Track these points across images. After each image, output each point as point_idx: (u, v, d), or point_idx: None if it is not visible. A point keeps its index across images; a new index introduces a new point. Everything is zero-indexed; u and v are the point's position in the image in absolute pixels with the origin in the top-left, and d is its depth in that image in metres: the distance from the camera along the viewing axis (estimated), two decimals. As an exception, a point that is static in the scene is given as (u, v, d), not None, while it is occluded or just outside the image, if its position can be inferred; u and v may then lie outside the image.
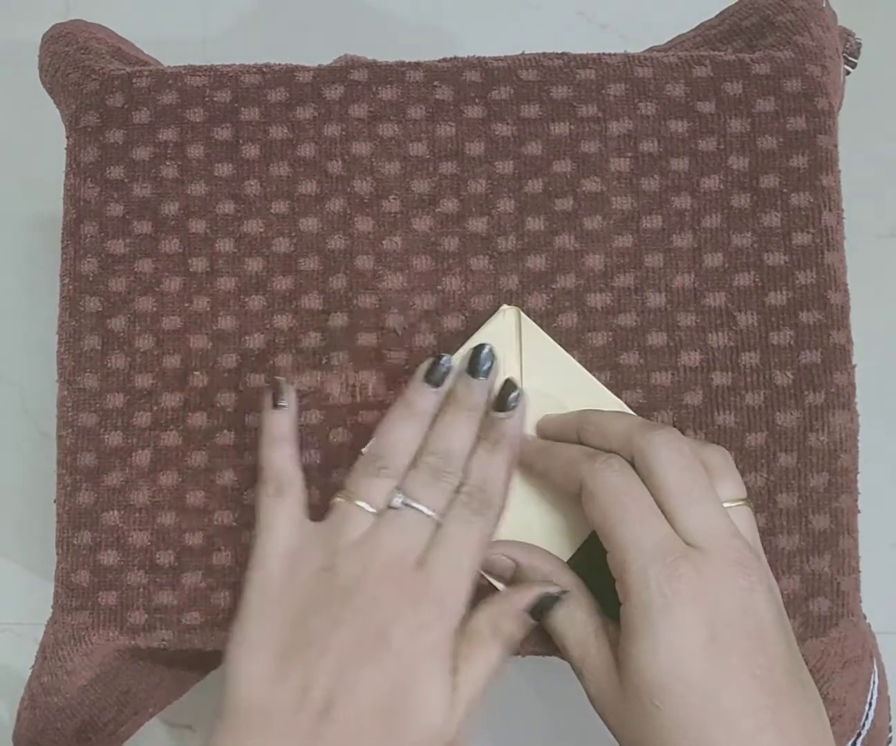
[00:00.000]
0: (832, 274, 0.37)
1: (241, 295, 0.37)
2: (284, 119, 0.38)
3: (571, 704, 0.66)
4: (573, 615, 0.32)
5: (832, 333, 0.37)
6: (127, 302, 0.37)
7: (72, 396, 0.37)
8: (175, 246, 0.38)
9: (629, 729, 0.29)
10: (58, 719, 0.40)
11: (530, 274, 0.37)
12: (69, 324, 0.37)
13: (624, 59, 0.38)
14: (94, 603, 0.37)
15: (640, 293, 0.37)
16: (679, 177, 0.37)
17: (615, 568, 0.30)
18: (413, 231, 0.38)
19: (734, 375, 0.37)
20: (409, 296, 0.37)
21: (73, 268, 0.38)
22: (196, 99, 0.38)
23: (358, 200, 0.38)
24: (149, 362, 0.37)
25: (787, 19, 0.39)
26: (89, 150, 0.38)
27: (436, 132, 0.38)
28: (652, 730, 0.28)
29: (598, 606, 0.32)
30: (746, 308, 0.37)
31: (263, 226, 0.38)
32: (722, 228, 0.37)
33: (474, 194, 0.38)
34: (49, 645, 0.38)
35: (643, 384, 0.37)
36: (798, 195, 0.37)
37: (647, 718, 0.28)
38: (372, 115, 0.38)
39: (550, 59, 0.39)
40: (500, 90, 0.38)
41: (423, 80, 0.38)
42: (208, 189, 0.38)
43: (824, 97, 0.38)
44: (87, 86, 0.39)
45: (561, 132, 0.38)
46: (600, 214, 0.37)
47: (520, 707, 0.66)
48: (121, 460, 0.37)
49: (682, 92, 0.38)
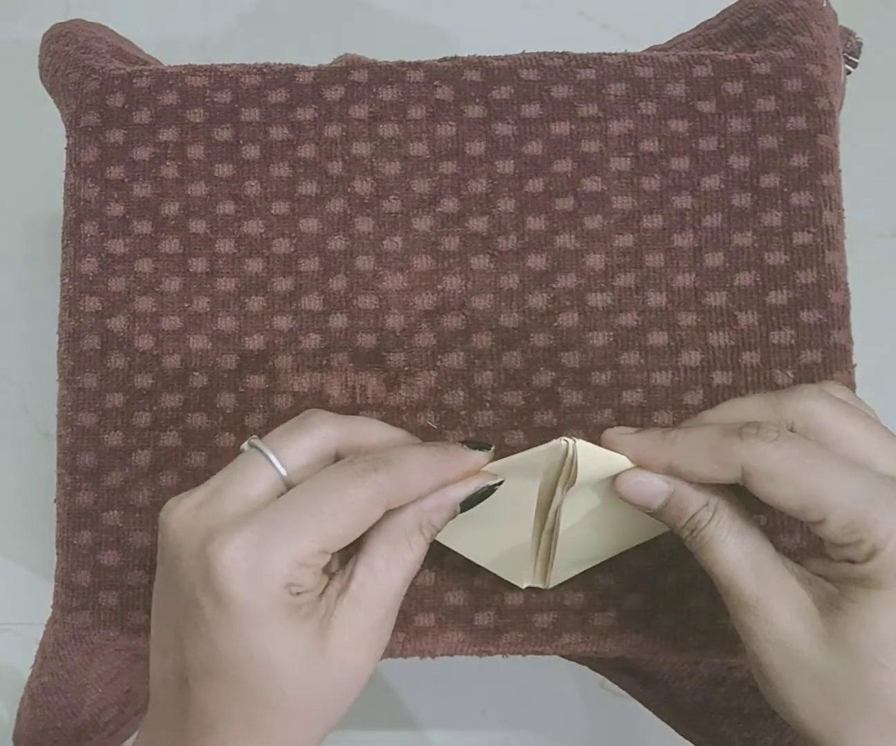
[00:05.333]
0: (833, 273, 0.37)
1: (241, 295, 0.37)
2: (285, 119, 0.38)
3: (571, 704, 0.66)
4: (744, 538, 0.28)
5: (833, 333, 0.37)
6: (127, 302, 0.37)
7: (71, 396, 0.37)
8: (175, 246, 0.38)
9: (820, 683, 0.26)
10: (58, 719, 0.40)
11: (531, 273, 0.37)
12: (69, 324, 0.37)
13: (624, 59, 0.38)
14: (94, 602, 0.37)
15: (641, 292, 0.37)
16: (680, 176, 0.37)
17: (837, 532, 0.26)
18: (413, 231, 0.37)
19: (735, 375, 0.37)
20: (409, 295, 0.37)
21: (73, 267, 0.38)
22: (196, 99, 0.38)
23: (358, 201, 0.38)
24: (148, 362, 0.37)
25: (788, 19, 0.39)
26: (89, 150, 0.38)
27: (436, 132, 0.38)
28: (861, 689, 0.26)
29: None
30: (747, 307, 0.37)
31: (263, 227, 0.38)
32: (723, 228, 0.37)
33: (475, 194, 0.38)
34: (49, 645, 0.38)
35: (643, 384, 0.37)
36: (799, 194, 0.37)
37: (862, 675, 0.26)
38: (372, 116, 0.38)
39: (551, 58, 0.39)
40: (500, 90, 0.38)
41: (424, 79, 0.38)
42: (208, 189, 0.38)
43: (825, 97, 0.38)
44: (87, 85, 0.39)
45: (561, 132, 0.38)
46: (601, 214, 0.37)
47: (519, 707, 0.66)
48: (121, 460, 0.37)
49: (682, 91, 0.38)
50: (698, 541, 0.28)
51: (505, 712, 0.65)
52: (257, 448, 0.29)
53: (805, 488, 0.26)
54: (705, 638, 0.36)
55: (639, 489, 0.28)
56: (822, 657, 0.26)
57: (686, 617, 0.36)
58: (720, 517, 0.28)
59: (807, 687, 0.27)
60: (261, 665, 0.26)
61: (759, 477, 0.26)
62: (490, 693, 0.65)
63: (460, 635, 0.36)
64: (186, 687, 0.27)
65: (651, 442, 0.28)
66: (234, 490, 0.28)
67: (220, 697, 0.27)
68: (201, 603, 0.26)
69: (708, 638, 0.36)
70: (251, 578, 0.26)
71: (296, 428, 0.29)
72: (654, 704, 0.46)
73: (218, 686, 0.27)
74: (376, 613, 0.28)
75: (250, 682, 0.27)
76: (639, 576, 0.36)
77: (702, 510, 0.28)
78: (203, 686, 0.27)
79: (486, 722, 0.66)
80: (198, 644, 0.27)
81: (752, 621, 0.27)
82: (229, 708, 0.27)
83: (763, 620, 0.27)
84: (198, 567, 0.26)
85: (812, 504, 0.26)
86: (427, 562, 0.36)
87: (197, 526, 0.27)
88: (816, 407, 0.28)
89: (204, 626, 0.26)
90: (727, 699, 0.41)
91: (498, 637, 0.36)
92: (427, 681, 0.66)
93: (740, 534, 0.28)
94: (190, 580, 0.27)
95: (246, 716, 0.27)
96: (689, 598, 0.36)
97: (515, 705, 0.65)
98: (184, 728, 0.27)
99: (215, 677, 0.27)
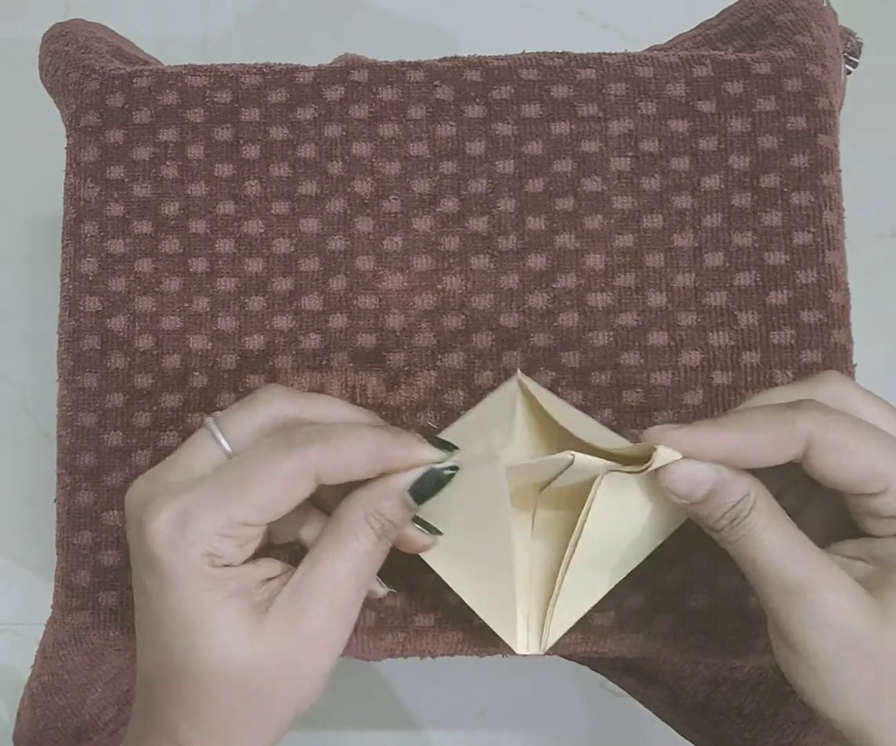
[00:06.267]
0: (833, 273, 0.37)
1: (241, 295, 0.37)
2: (285, 119, 0.38)
3: (571, 704, 0.66)
4: (785, 525, 0.27)
5: (833, 333, 0.36)
6: (127, 302, 0.37)
7: (71, 396, 0.37)
8: (175, 246, 0.38)
9: (876, 662, 0.26)
10: (58, 719, 0.40)
11: (531, 273, 0.37)
12: (69, 324, 0.37)
13: (624, 59, 0.38)
14: (94, 602, 0.37)
15: (641, 292, 0.37)
16: (680, 176, 0.37)
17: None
18: (413, 231, 0.37)
19: (735, 375, 0.37)
20: (409, 295, 0.37)
21: (73, 267, 0.38)
22: (196, 99, 0.38)
23: (358, 201, 0.38)
24: (148, 362, 0.37)
25: (788, 19, 0.39)
26: (89, 150, 0.38)
27: (436, 132, 0.38)
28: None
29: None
30: (747, 307, 0.37)
31: (263, 227, 0.38)
32: (723, 228, 0.37)
33: (475, 194, 0.38)
34: (49, 645, 0.38)
35: (643, 383, 0.37)
36: (799, 194, 0.37)
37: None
38: (372, 116, 0.38)
39: (551, 58, 0.39)
40: (500, 90, 0.38)
41: (424, 79, 0.38)
42: (208, 189, 0.38)
43: (825, 96, 0.38)
44: (87, 85, 0.39)
45: (561, 131, 0.38)
46: (601, 214, 0.37)
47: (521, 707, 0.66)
48: (121, 460, 0.37)
49: (682, 91, 0.38)
50: (739, 531, 0.27)
51: (505, 712, 0.65)
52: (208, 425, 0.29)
53: (868, 458, 0.26)
54: (705, 638, 0.36)
55: (687, 478, 0.27)
56: (878, 634, 0.26)
57: (686, 616, 0.36)
58: (760, 505, 0.27)
59: (862, 669, 0.26)
60: (184, 630, 0.27)
61: (824, 449, 0.26)
62: (490, 693, 0.65)
63: (460, 635, 0.36)
64: (138, 652, 0.29)
65: (704, 430, 0.27)
66: (180, 464, 0.28)
67: (155, 657, 0.28)
68: (139, 567, 0.28)
69: (708, 638, 0.36)
70: (174, 546, 0.26)
71: (245, 405, 0.29)
72: (655, 704, 0.46)
73: (151, 645, 0.28)
74: (316, 604, 0.27)
75: (174, 647, 0.27)
76: (639, 576, 0.36)
77: (743, 499, 0.27)
78: (142, 645, 0.28)
79: (486, 722, 0.66)
80: (139, 606, 0.28)
81: (802, 606, 0.27)
82: (161, 671, 0.28)
83: (816, 603, 0.26)
84: (136, 535, 0.27)
85: (875, 474, 0.26)
86: (427, 563, 0.36)
87: (142, 498, 0.28)
88: (847, 391, 0.28)
89: (140, 589, 0.28)
90: (727, 699, 0.41)
91: (498, 638, 0.36)
92: (427, 681, 0.66)
93: (781, 521, 0.27)
94: (133, 547, 0.28)
95: (174, 680, 0.27)
96: (689, 598, 0.36)
97: (515, 705, 0.65)
98: (139, 689, 0.29)
99: (151, 639, 0.28)
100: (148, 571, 0.27)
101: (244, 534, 0.27)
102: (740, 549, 0.28)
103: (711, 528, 0.28)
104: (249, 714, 0.28)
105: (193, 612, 0.27)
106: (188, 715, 0.27)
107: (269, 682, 0.27)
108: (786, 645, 0.27)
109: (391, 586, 0.36)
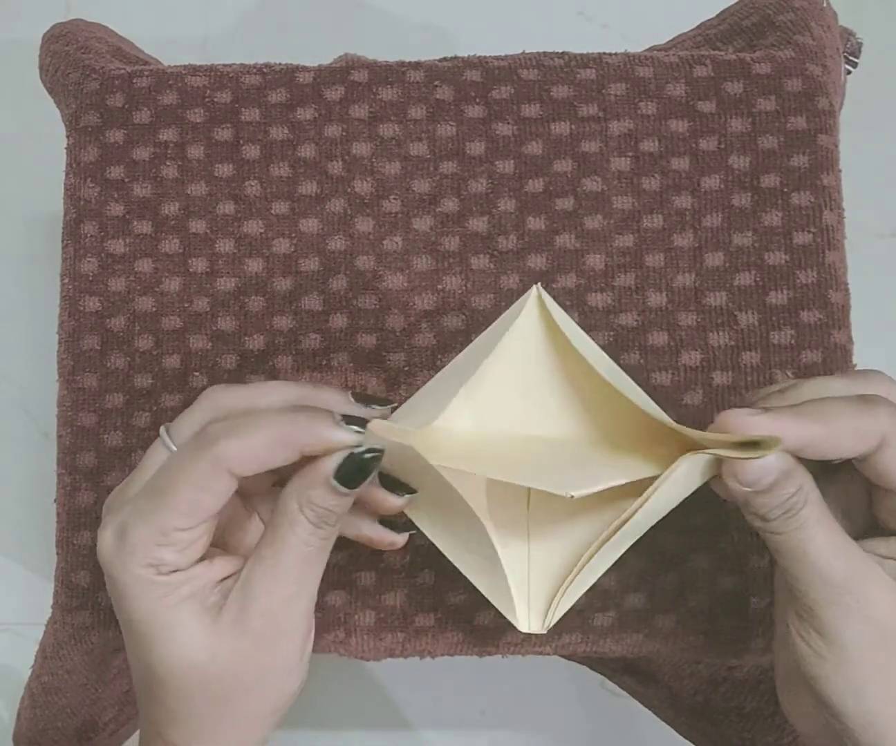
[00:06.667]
0: (833, 273, 0.37)
1: (241, 295, 0.37)
2: (285, 119, 0.38)
3: (571, 704, 0.66)
4: (831, 520, 0.27)
5: (833, 333, 0.37)
6: (127, 302, 0.37)
7: (71, 396, 0.37)
8: (175, 246, 0.38)
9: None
10: (58, 719, 0.40)
11: (531, 273, 0.37)
12: (69, 324, 0.37)
13: (624, 59, 0.38)
14: (94, 602, 0.37)
15: (641, 292, 0.37)
16: (680, 176, 0.37)
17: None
18: (413, 231, 0.37)
19: (735, 375, 0.37)
20: (409, 296, 0.37)
21: (73, 267, 0.38)
22: (196, 99, 0.38)
23: (358, 201, 0.38)
24: (148, 362, 0.37)
25: (788, 19, 0.39)
26: (89, 150, 0.38)
27: (436, 132, 0.38)
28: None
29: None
30: (747, 307, 0.37)
31: (263, 227, 0.38)
32: (723, 228, 0.37)
33: (475, 194, 0.38)
34: (49, 645, 0.38)
35: (643, 384, 0.36)
36: (799, 194, 0.37)
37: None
38: (372, 116, 0.38)
39: (551, 58, 0.39)
40: (500, 90, 0.38)
41: (424, 79, 0.38)
42: (208, 189, 0.38)
43: (825, 96, 0.38)
44: (87, 85, 0.39)
45: (561, 132, 0.38)
46: (601, 214, 0.37)
47: (521, 708, 0.66)
48: (121, 460, 0.37)
49: (682, 91, 0.38)
50: (792, 523, 0.27)
51: (505, 712, 0.65)
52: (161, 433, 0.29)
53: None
54: (705, 638, 0.36)
55: (761, 466, 0.26)
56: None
57: (686, 616, 0.36)
58: (813, 498, 0.27)
59: (888, 664, 0.26)
60: (146, 639, 0.27)
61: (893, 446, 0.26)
62: (490, 693, 0.66)
63: (460, 635, 0.36)
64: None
65: (788, 418, 0.26)
66: (139, 476, 0.29)
67: (134, 663, 0.29)
68: (106, 581, 0.28)
69: (708, 638, 0.36)
70: (121, 560, 0.27)
71: (191, 407, 0.29)
72: (654, 704, 0.46)
73: (130, 652, 0.29)
74: (260, 602, 0.27)
75: (141, 656, 0.28)
76: (639, 576, 0.36)
77: (798, 491, 0.27)
78: (127, 651, 0.29)
79: (485, 722, 0.66)
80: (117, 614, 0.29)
81: (846, 600, 0.26)
82: (141, 674, 0.28)
83: (861, 597, 0.26)
84: (98, 549, 0.28)
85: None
86: (427, 562, 0.36)
87: (108, 511, 0.29)
88: (892, 390, 0.28)
89: (112, 599, 0.28)
90: (727, 699, 0.41)
91: (498, 638, 0.36)
92: (427, 681, 0.66)
93: (828, 516, 0.27)
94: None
95: (152, 684, 0.28)
96: (689, 598, 0.36)
97: (515, 705, 0.66)
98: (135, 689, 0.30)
99: (128, 646, 0.29)
100: (109, 585, 0.28)
101: (181, 539, 0.27)
102: (790, 541, 0.27)
103: (762, 517, 0.27)
104: (225, 713, 0.28)
105: (151, 621, 0.27)
106: (170, 718, 0.28)
107: (234, 680, 0.28)
108: (817, 636, 0.27)
109: (390, 586, 0.36)
